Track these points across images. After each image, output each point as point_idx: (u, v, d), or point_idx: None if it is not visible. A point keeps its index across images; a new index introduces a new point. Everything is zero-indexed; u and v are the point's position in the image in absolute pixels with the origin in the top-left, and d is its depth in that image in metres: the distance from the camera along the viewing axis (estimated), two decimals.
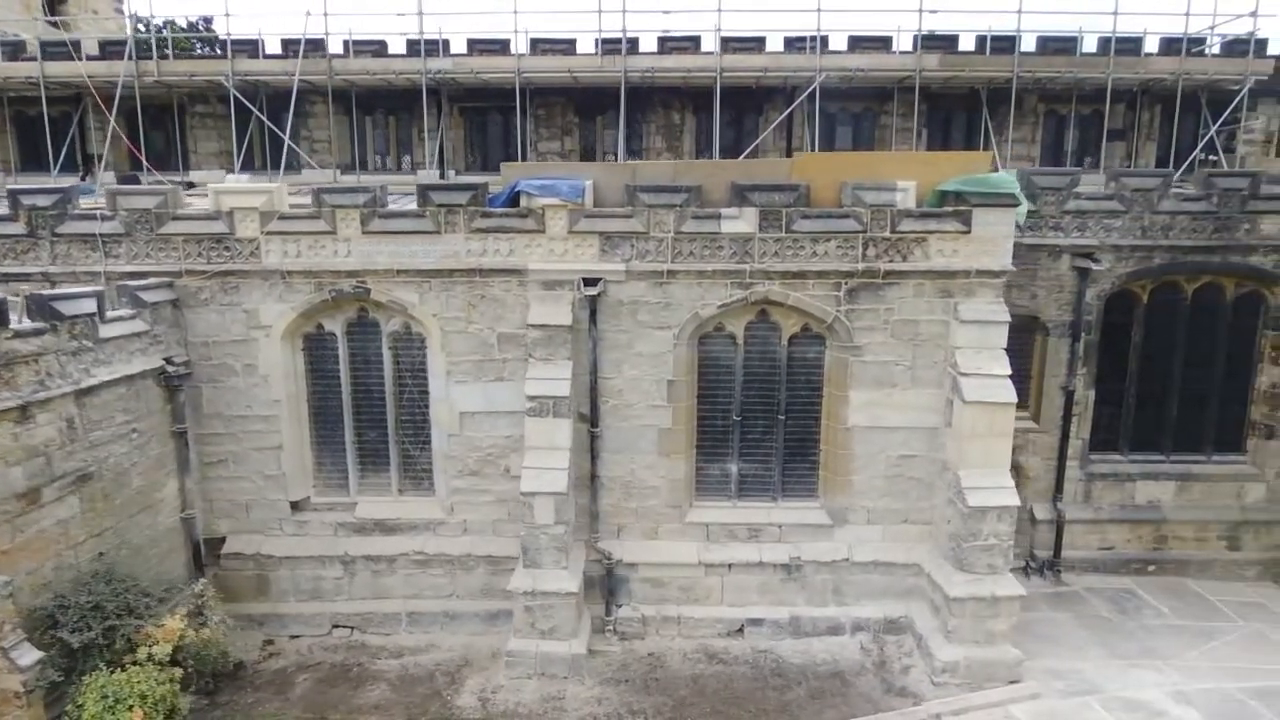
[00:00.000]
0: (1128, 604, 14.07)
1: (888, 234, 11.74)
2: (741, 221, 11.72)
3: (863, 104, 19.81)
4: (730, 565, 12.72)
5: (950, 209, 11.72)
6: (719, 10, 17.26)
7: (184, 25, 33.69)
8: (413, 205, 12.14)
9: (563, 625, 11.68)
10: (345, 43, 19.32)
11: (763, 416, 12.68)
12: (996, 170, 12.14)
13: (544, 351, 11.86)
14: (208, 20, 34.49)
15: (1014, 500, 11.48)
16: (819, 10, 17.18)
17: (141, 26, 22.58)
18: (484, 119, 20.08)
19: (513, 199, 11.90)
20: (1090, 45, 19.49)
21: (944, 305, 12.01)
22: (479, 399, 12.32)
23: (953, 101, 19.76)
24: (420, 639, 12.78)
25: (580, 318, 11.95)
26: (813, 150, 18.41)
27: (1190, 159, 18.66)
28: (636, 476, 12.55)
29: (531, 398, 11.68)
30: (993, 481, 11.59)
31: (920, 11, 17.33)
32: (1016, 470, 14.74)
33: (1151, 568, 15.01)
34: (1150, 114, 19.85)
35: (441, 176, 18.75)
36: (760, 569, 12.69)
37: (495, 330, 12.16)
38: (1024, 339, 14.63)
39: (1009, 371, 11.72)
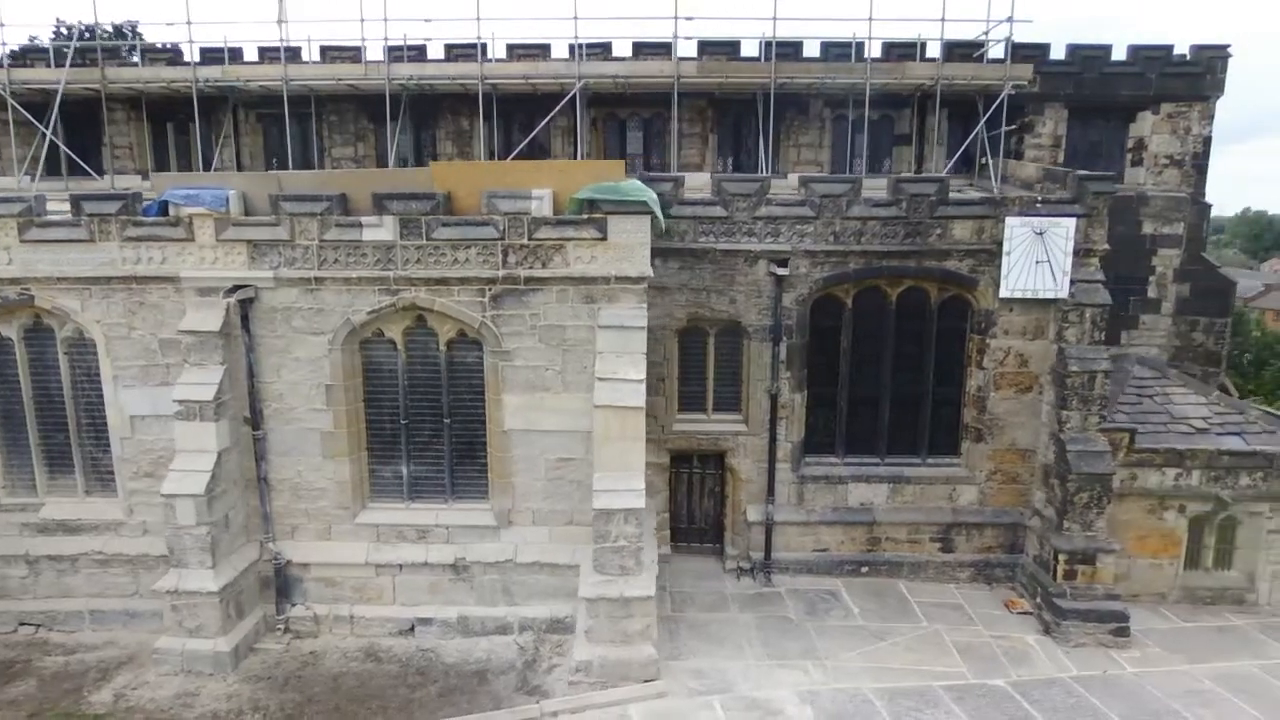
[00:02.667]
0: (822, 605, 14.25)
1: (526, 241, 11.98)
2: (383, 229, 11.98)
3: (652, 109, 19.99)
4: (401, 566, 13.00)
5: (586, 216, 11.95)
6: (481, 19, 17.46)
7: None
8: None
9: (208, 624, 11.99)
10: (142, 50, 19.70)
11: (429, 420, 12.95)
12: (632, 179, 12.33)
13: (197, 356, 12.17)
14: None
15: (639, 503, 11.67)
16: (575, 18, 17.40)
17: None
18: (281, 126, 20.37)
19: (164, 208, 12.21)
20: (876, 51, 19.65)
21: (588, 311, 12.24)
22: (146, 403, 12.64)
23: (741, 107, 19.92)
24: (101, 636, 13.12)
25: (235, 324, 12.24)
26: (581, 155, 18.67)
27: (952, 161, 18.77)
28: (304, 479, 12.84)
29: (179, 402, 12.00)
30: (623, 484, 11.79)
31: (676, 18, 17.44)
32: (731, 473, 15.05)
33: (865, 570, 15.17)
34: (937, 119, 19.94)
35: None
36: (429, 569, 12.96)
37: (157, 336, 12.48)
38: (732, 344, 14.89)
39: (643, 376, 11.92)
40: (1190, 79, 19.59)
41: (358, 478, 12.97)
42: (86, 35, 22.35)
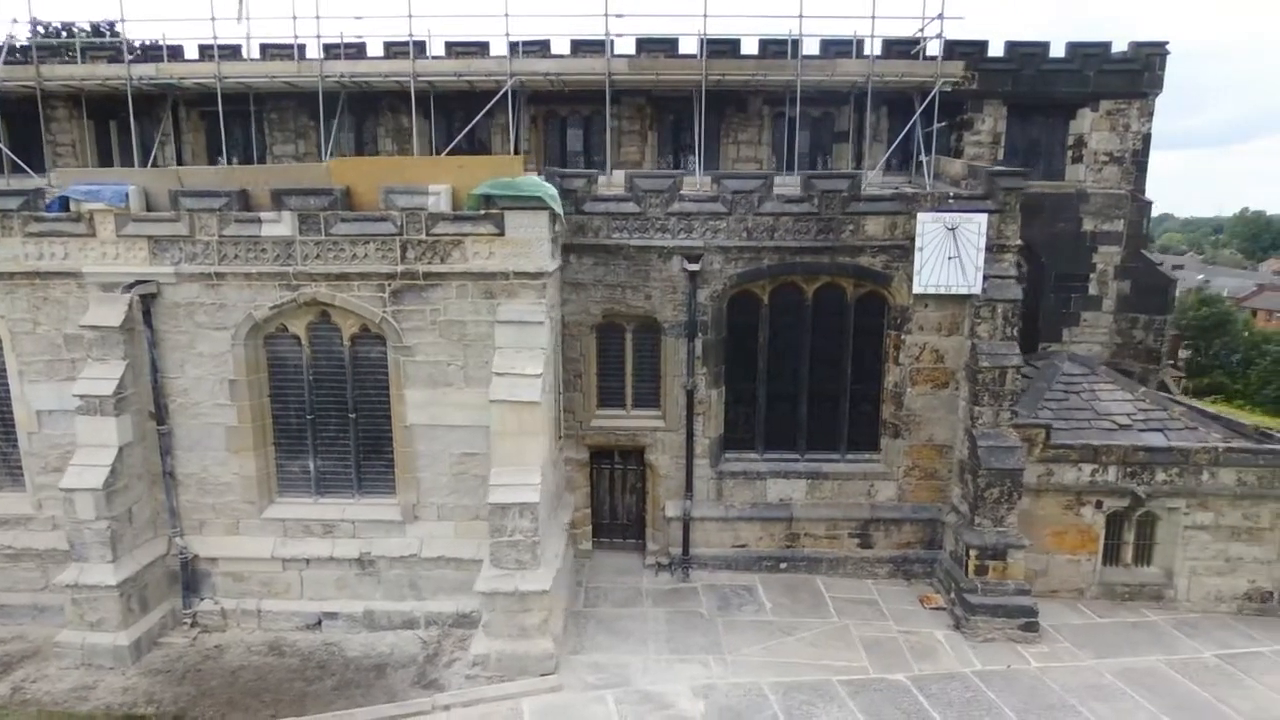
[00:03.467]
0: (735, 600, 14.29)
1: (424, 237, 12.02)
2: (282, 225, 12.03)
3: (592, 107, 20.02)
4: (308, 560, 13.05)
5: (483, 212, 11.99)
6: (413, 16, 17.49)
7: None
8: None
9: (109, 618, 12.05)
10: (81, 48, 19.79)
11: (335, 415, 13.00)
12: (530, 175, 12.37)
13: (100, 351, 12.22)
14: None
15: (534, 497, 11.70)
16: (506, 15, 17.43)
17: None
18: (223, 123, 20.44)
19: (66, 205, 12.26)
20: (814, 49, 19.69)
21: (489, 306, 12.29)
22: (52, 398, 12.69)
23: (681, 104, 19.93)
24: (10, 630, 13.19)
25: (137, 319, 12.29)
26: (521, 153, 18.70)
27: (884, 157, 18.82)
28: (210, 473, 12.90)
29: (80, 396, 12.06)
30: (519, 479, 11.83)
31: (607, 16, 17.47)
32: (650, 469, 15.08)
33: (784, 565, 15.20)
34: (877, 116, 19.95)
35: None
36: (335, 564, 13.02)
37: (62, 331, 12.54)
38: (650, 340, 14.92)
39: (540, 371, 11.95)
40: (1129, 76, 19.60)
41: (264, 473, 13.03)
42: (42, 33, 22.39)
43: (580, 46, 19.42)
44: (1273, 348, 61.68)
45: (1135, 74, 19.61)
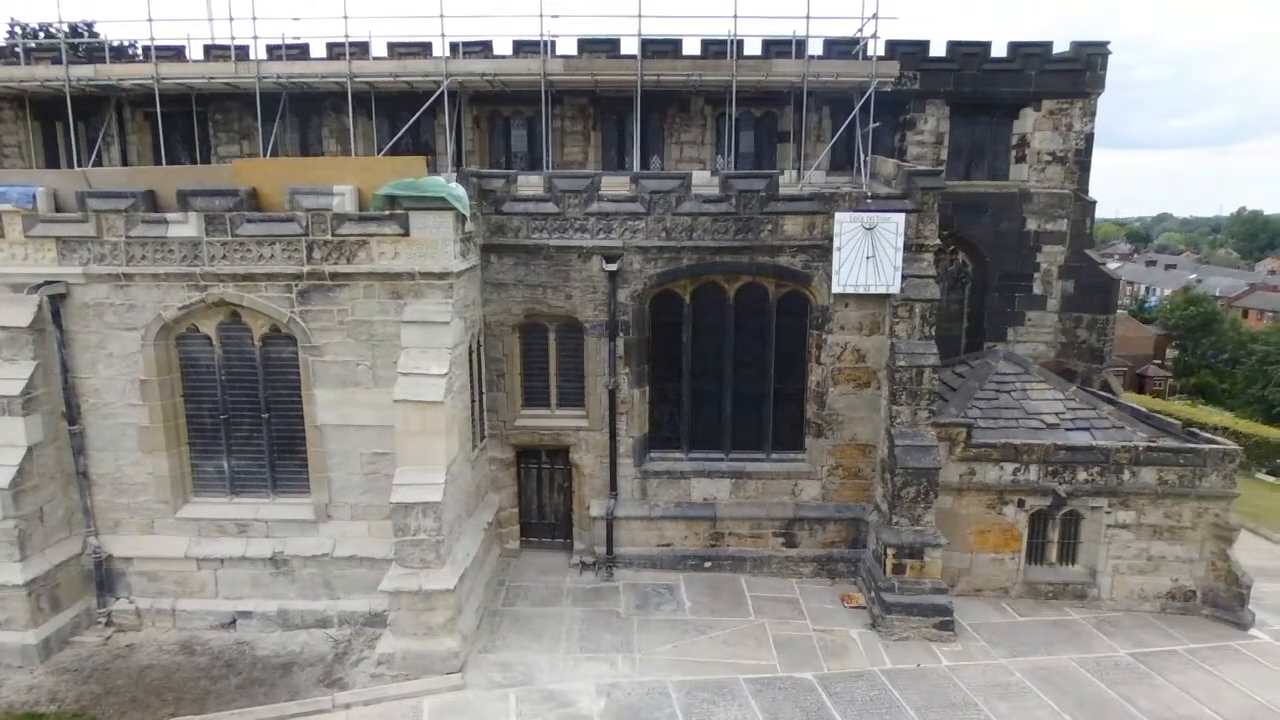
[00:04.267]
0: (655, 600, 14.32)
1: (330, 237, 12.07)
2: (189, 226, 12.08)
3: (535, 107, 20.03)
4: (222, 560, 13.10)
5: (388, 213, 12.03)
6: (349, 17, 17.56)
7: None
8: None
9: (16, 617, 12.09)
10: (25, 50, 19.87)
11: (248, 415, 13.04)
12: (435, 175, 12.40)
13: (9, 352, 12.27)
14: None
15: (436, 497, 11.74)
16: (441, 16, 17.44)
17: None
18: (170, 124, 20.50)
19: None
20: (756, 49, 19.72)
21: (396, 306, 12.32)
22: None
23: (624, 105, 19.97)
24: None
25: (47, 319, 12.34)
26: (465, 153, 18.75)
27: (820, 157, 18.87)
28: (124, 473, 12.95)
29: None
30: (422, 478, 11.87)
31: (542, 16, 17.52)
32: (575, 468, 15.12)
33: (708, 565, 15.24)
34: (819, 116, 19.99)
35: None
36: (249, 563, 13.06)
37: None
38: (574, 340, 14.96)
39: (445, 371, 11.98)
40: (1070, 76, 19.66)
41: (178, 472, 13.07)
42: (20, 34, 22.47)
43: (522, 47, 19.48)
44: (1259, 347, 61.78)
45: (1077, 74, 19.66)
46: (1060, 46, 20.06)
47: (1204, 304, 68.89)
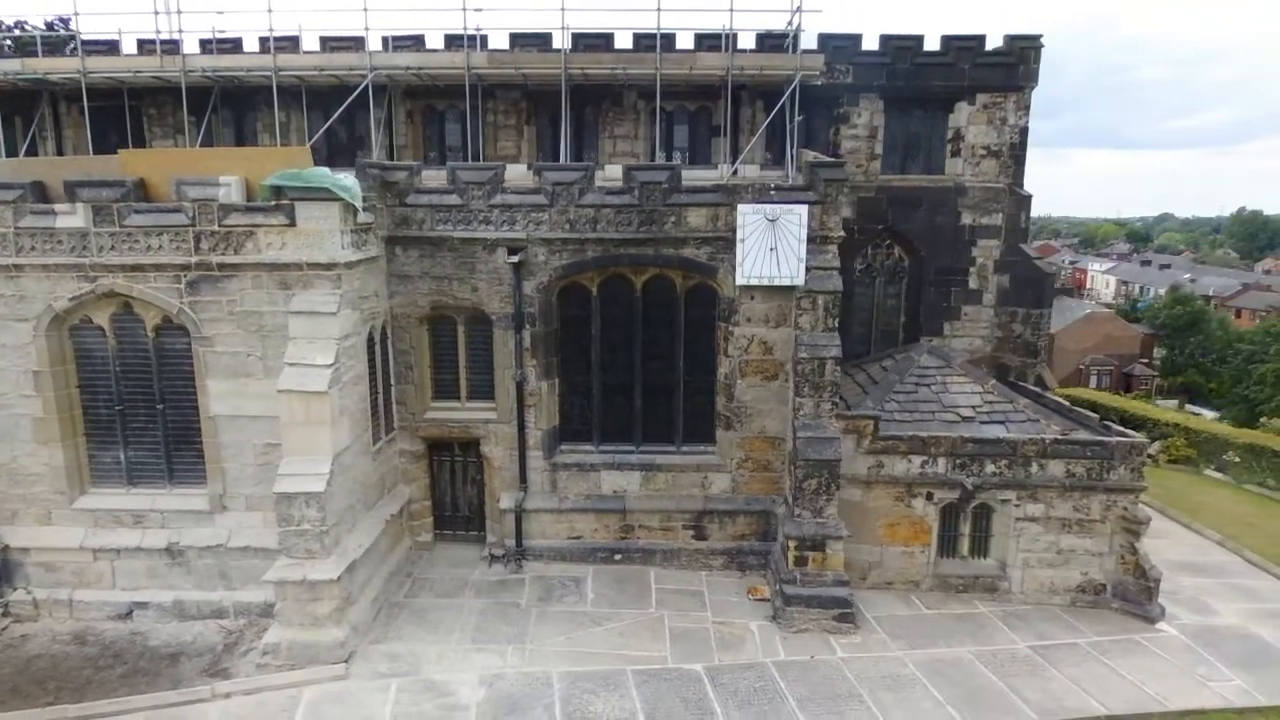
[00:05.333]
0: (559, 592, 14.31)
1: (216, 227, 12.09)
2: (76, 217, 12.11)
3: (468, 101, 20.05)
4: (119, 551, 13.14)
5: (275, 203, 12.05)
6: (273, 11, 17.59)
7: None
8: None
9: None
10: None
11: (144, 406, 13.07)
12: (320, 166, 12.41)
13: None
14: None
15: (320, 487, 11.76)
16: (365, 10, 17.50)
17: None
18: (105, 118, 20.54)
19: None
20: (687, 42, 19.68)
21: (285, 297, 12.34)
22: None
23: (558, 99, 19.95)
24: None
25: None
26: (397, 147, 18.78)
27: (743, 153, 18.75)
28: (19, 464, 12.98)
29: None
30: (307, 469, 11.90)
31: (465, 10, 17.52)
32: (486, 461, 15.12)
33: (618, 557, 15.22)
34: (753, 110, 19.95)
35: None
36: (145, 554, 13.10)
37: None
38: (483, 332, 14.96)
39: (331, 361, 11.99)
40: (1004, 69, 19.57)
41: (74, 463, 13.10)
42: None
43: (454, 41, 19.46)
44: (1245, 346, 61.60)
45: (1010, 67, 19.57)
46: (936, 40, 19.90)
47: (1190, 303, 68.68)
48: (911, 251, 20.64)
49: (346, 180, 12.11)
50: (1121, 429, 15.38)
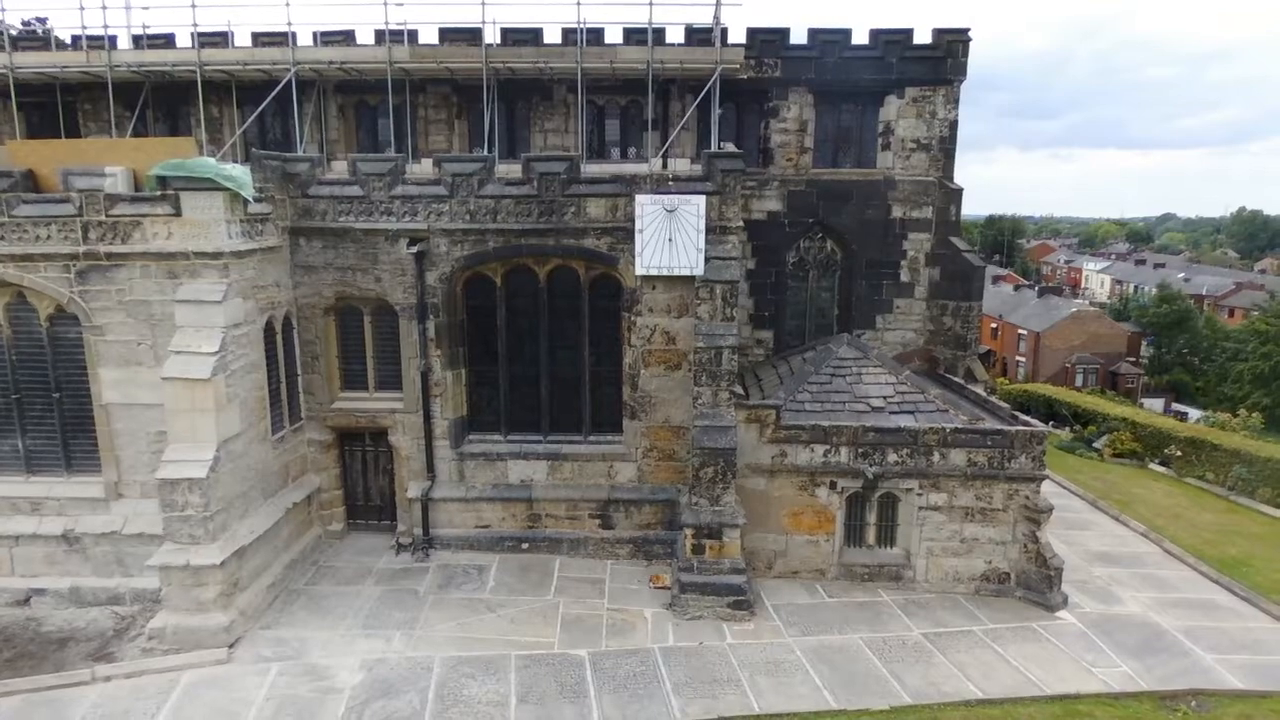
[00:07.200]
0: (459, 580, 14.42)
1: (104, 217, 12.24)
2: None
3: (400, 96, 20.17)
4: (17, 538, 13.27)
5: (161, 193, 12.18)
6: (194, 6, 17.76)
7: None
8: None
9: None
10: None
11: (40, 394, 13.22)
12: (204, 157, 12.54)
13: None
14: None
15: (200, 473, 11.87)
16: (286, 4, 17.64)
17: None
18: (43, 113, 20.73)
19: None
20: (616, 36, 19.78)
21: (173, 286, 12.47)
22: None
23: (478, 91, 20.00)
24: None
25: None
26: (328, 142, 18.91)
27: (666, 146, 18.88)
28: None
29: None
30: (191, 455, 12.02)
31: (386, 4, 17.70)
32: (394, 450, 15.23)
33: (525, 546, 15.32)
34: (682, 104, 20.03)
35: None
36: (42, 541, 13.25)
37: None
38: (389, 323, 15.07)
39: (216, 350, 12.11)
40: (931, 63, 19.63)
41: None
42: None
43: (384, 37, 19.60)
44: (1231, 344, 61.45)
45: (938, 61, 19.63)
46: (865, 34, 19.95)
47: (1177, 302, 68.49)
48: (843, 245, 20.70)
49: (233, 170, 12.24)
50: (1026, 418, 15.41)
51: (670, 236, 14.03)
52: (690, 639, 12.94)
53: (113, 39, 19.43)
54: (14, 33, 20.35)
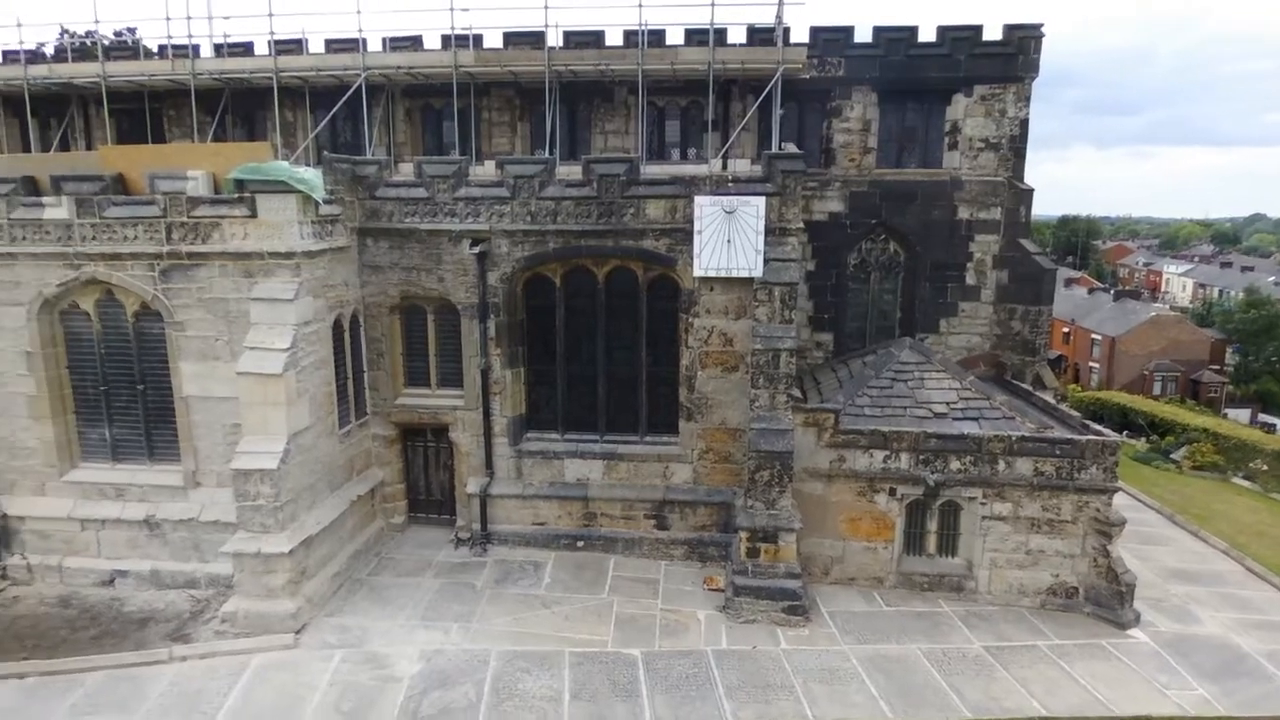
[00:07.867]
0: (516, 575, 14.63)
1: (186, 218, 12.81)
2: (62, 209, 13.00)
3: (465, 100, 20.55)
4: (103, 521, 14.02)
5: (238, 195, 12.69)
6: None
7: None
8: None
9: None
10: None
11: (126, 386, 13.92)
12: (279, 161, 13.00)
13: None
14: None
15: (271, 464, 12.33)
16: (359, 11, 18.16)
17: None
18: (130, 120, 21.76)
19: None
20: (678, 37, 19.79)
21: (249, 284, 12.97)
22: None
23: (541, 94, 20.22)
24: None
25: None
26: (395, 145, 19.42)
27: (727, 145, 18.75)
28: (17, 438, 13.99)
29: None
30: (263, 447, 12.49)
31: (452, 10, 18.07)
32: (454, 447, 15.57)
33: (581, 544, 15.45)
34: (743, 105, 19.90)
35: None
36: (126, 525, 13.95)
37: None
38: (452, 321, 15.40)
39: (288, 346, 12.56)
40: (1002, 60, 19.11)
41: (64, 439, 14.05)
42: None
43: (450, 41, 20.02)
44: None
45: (1009, 58, 19.09)
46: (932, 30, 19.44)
47: (1266, 307, 65.04)
48: (907, 246, 20.29)
49: (306, 173, 12.68)
50: (1098, 427, 14.86)
51: (729, 238, 13.98)
52: (744, 642, 12.88)
53: (196, 48, 20.32)
54: (106, 43, 21.47)
